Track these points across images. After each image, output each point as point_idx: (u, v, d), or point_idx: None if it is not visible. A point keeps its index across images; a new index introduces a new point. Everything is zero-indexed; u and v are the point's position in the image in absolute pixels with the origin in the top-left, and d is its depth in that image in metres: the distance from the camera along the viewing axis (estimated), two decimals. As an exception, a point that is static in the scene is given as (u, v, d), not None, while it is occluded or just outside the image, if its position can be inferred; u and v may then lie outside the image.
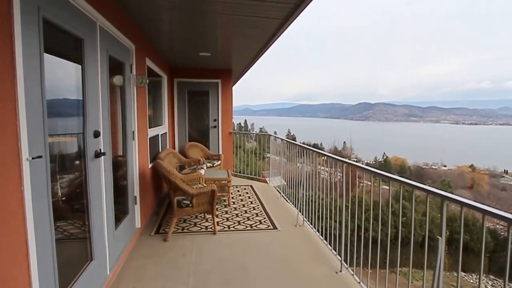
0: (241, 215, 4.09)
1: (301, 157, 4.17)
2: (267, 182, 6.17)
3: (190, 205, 3.27)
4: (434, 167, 48.75)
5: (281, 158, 5.40)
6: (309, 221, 3.73)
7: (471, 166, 46.07)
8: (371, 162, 45.30)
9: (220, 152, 6.65)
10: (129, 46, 2.91)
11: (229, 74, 6.55)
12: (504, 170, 46.18)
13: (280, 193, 5.17)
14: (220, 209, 4.32)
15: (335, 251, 2.93)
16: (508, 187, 36.42)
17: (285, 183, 5.11)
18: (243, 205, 4.53)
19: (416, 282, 11.27)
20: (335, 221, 3.03)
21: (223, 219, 3.90)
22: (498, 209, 1.33)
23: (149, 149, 3.96)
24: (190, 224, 3.70)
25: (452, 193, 1.66)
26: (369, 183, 2.53)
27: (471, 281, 12.40)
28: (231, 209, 4.35)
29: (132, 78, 2.99)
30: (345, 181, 2.83)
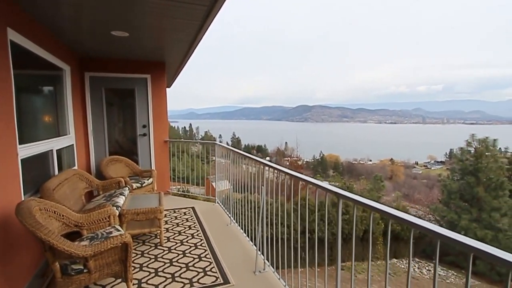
0: (177, 261, 2.91)
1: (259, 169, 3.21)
2: (210, 195, 5.05)
3: (86, 270, 2.00)
4: (361, 162, 55.17)
5: (228, 162, 4.40)
6: (271, 263, 2.78)
7: (391, 159, 53.59)
8: (310, 160, 48.82)
9: (153, 167, 5.30)
10: None
11: (162, 68, 5.24)
12: (415, 162, 55.42)
13: (230, 217, 4.12)
14: (148, 253, 3.08)
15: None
16: (418, 176, 43.43)
17: (231, 187, 4.22)
18: (181, 243, 3.35)
19: (359, 275, 11.89)
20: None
21: (150, 273, 2.69)
22: (383, 204, 1.44)
23: (30, 175, 2.54)
24: (95, 291, 2.40)
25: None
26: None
27: (402, 266, 13.74)
28: (164, 251, 3.14)
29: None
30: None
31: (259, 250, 2.81)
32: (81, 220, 2.46)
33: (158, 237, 3.39)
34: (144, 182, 4.51)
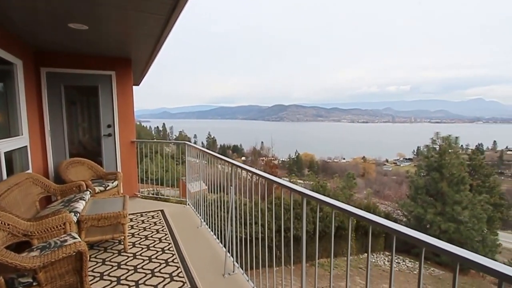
0: (142, 267, 2.76)
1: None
2: (184, 198, 4.88)
3: (35, 283, 1.82)
4: (336, 161, 57.22)
5: (201, 161, 4.23)
6: (241, 265, 2.71)
7: (363, 157, 56.27)
8: (285, 160, 49.75)
9: (119, 169, 5.03)
10: None
11: (128, 65, 4.99)
12: (386, 159, 58.21)
13: (200, 219, 4.00)
14: (110, 261, 2.89)
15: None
16: (389, 173, 45.97)
17: (206, 187, 4.08)
18: (148, 248, 3.19)
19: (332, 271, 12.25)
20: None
21: (112, 282, 2.51)
22: (345, 203, 1.47)
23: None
24: (48, 305, 2.20)
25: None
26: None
27: (373, 260, 14.44)
28: (128, 257, 2.96)
29: None
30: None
31: (229, 251, 2.73)
32: (30, 228, 2.24)
33: (122, 243, 3.20)
34: (108, 185, 4.26)
